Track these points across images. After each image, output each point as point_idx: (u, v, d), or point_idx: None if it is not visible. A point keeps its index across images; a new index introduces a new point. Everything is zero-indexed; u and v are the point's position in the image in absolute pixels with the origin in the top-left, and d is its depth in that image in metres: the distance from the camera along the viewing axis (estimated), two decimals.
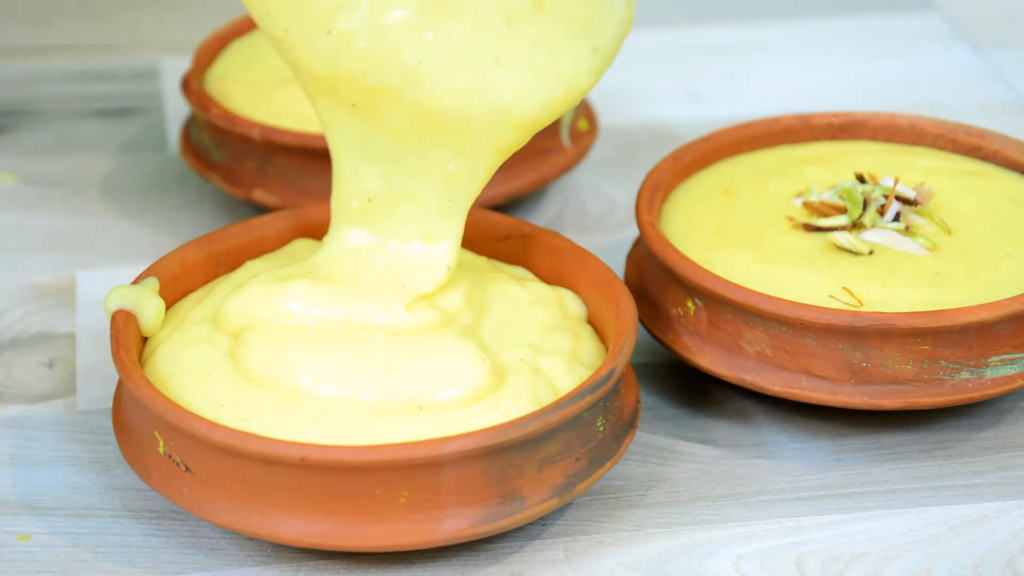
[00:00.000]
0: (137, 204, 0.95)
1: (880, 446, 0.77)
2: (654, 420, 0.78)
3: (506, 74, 0.70)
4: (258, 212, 0.93)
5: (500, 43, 0.70)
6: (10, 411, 0.79)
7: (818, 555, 0.71)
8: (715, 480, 0.75)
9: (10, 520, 0.72)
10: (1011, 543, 0.71)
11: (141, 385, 0.69)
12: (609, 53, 0.70)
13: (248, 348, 0.71)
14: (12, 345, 0.83)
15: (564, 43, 0.70)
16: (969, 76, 1.09)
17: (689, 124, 1.03)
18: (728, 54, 1.12)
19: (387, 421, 0.68)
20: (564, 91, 0.70)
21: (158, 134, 1.02)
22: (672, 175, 0.82)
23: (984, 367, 0.74)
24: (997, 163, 0.84)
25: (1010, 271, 0.76)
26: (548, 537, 0.72)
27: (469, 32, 0.70)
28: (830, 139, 0.86)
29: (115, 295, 0.74)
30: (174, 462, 0.69)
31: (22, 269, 0.89)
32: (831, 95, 1.07)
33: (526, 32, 0.69)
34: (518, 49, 0.70)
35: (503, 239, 0.79)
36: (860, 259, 0.76)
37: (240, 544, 0.71)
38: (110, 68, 1.10)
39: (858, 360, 0.73)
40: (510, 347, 0.72)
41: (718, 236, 0.79)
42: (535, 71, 0.70)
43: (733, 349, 0.75)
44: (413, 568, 0.70)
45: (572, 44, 0.70)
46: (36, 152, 1.00)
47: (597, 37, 0.70)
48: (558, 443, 0.69)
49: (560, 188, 0.96)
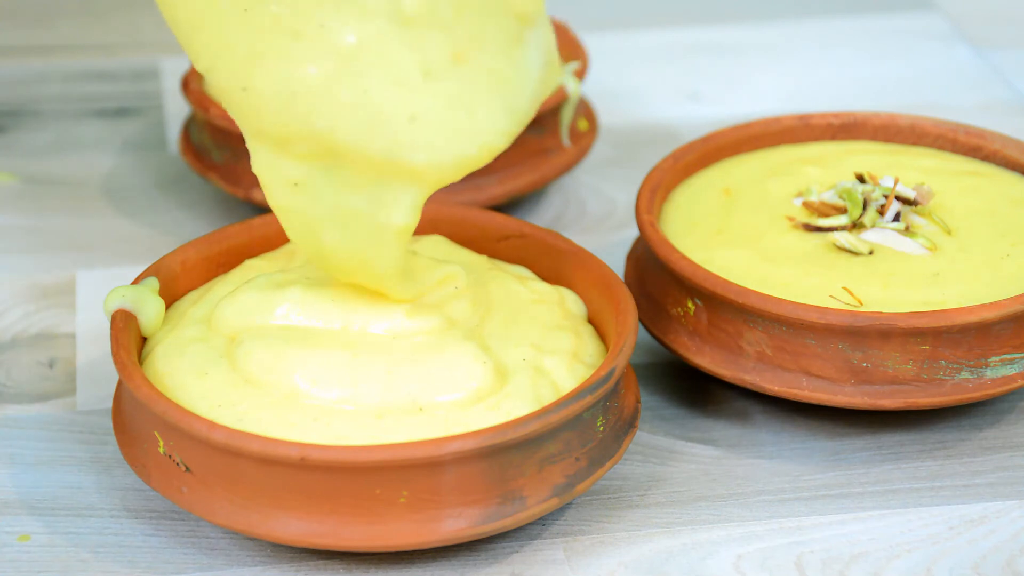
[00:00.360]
0: (137, 204, 0.95)
1: (880, 446, 0.77)
2: (654, 420, 0.78)
3: (421, 133, 0.68)
4: (258, 212, 0.93)
5: (416, 99, 0.67)
6: (10, 411, 0.79)
7: (818, 555, 0.71)
8: (715, 480, 0.75)
9: (10, 520, 0.72)
10: (1011, 543, 0.71)
11: (141, 385, 0.69)
12: (525, 113, 0.68)
13: (246, 350, 0.71)
14: (12, 345, 0.83)
15: (481, 100, 0.68)
16: (969, 76, 1.09)
17: (689, 124, 1.03)
18: (728, 54, 1.12)
19: (387, 421, 0.68)
20: (477, 151, 0.68)
21: (158, 134, 1.02)
22: (672, 175, 0.82)
23: (984, 367, 0.74)
24: (997, 163, 0.84)
25: (1010, 271, 0.76)
26: (548, 537, 0.72)
27: (385, 87, 0.67)
28: (830, 139, 0.86)
29: (115, 295, 0.74)
30: (174, 462, 0.69)
31: (22, 269, 0.89)
32: (831, 95, 1.07)
33: (444, 87, 0.67)
34: (435, 105, 0.67)
35: (503, 239, 0.79)
36: (860, 259, 0.76)
37: (240, 544, 0.71)
38: (110, 68, 1.10)
39: (858, 360, 0.73)
40: (513, 346, 0.72)
41: (718, 236, 0.79)
42: (451, 130, 0.68)
43: (733, 349, 0.75)
44: (413, 568, 0.70)
45: (488, 102, 0.68)
46: (36, 152, 1.00)
47: (512, 96, 0.68)
48: (558, 443, 0.69)
49: (560, 188, 0.96)
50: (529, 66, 0.68)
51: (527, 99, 0.68)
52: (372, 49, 0.67)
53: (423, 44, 0.67)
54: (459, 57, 0.67)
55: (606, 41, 1.12)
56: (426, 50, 0.67)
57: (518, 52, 0.68)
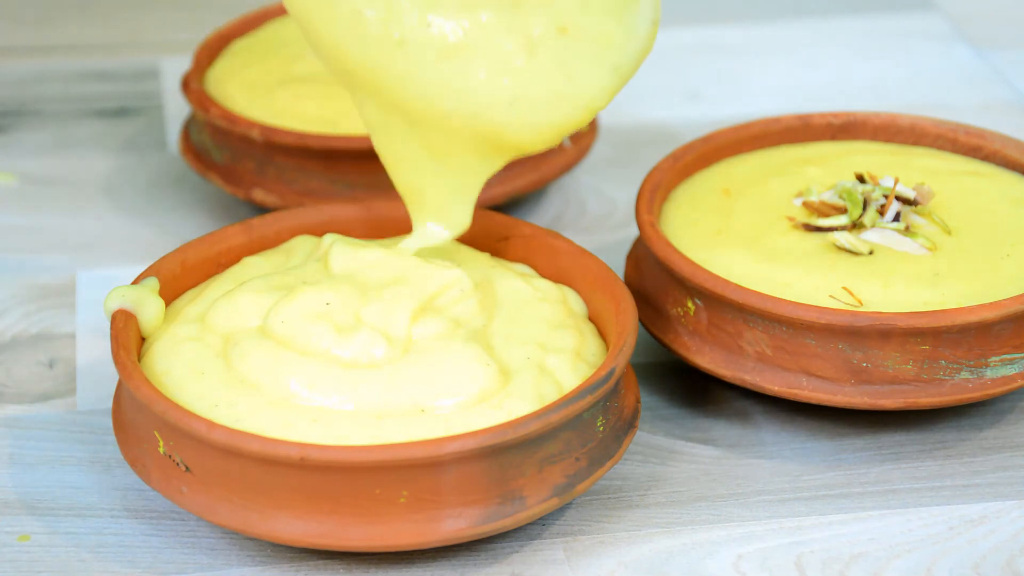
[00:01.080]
0: (137, 204, 0.95)
1: (880, 446, 0.77)
2: (654, 420, 0.78)
3: (522, 114, 0.70)
4: (258, 212, 0.93)
5: (517, 80, 0.69)
6: (10, 411, 0.79)
7: (818, 555, 0.71)
8: (715, 480, 0.75)
9: (10, 520, 0.72)
10: (1011, 543, 0.71)
11: (141, 385, 0.69)
12: (629, 70, 0.70)
13: (243, 351, 0.70)
14: (12, 345, 0.83)
15: (583, 64, 0.70)
16: (969, 76, 1.09)
17: (689, 124, 1.03)
18: (728, 54, 1.12)
19: (387, 421, 0.68)
20: (580, 113, 0.70)
21: (158, 134, 1.02)
22: (672, 175, 0.82)
23: (984, 367, 0.74)
24: (997, 163, 0.84)
25: (1010, 271, 0.76)
26: (548, 537, 0.72)
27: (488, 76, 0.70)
28: (830, 139, 0.86)
29: (115, 295, 0.74)
30: (174, 462, 0.69)
31: (22, 269, 0.89)
32: (831, 95, 1.07)
33: (545, 58, 0.69)
34: (535, 79, 0.69)
35: (503, 239, 0.79)
36: (860, 259, 0.76)
37: (240, 544, 0.71)
38: (110, 68, 1.10)
39: (858, 360, 0.73)
40: (517, 345, 0.72)
41: (718, 236, 0.79)
42: (552, 99, 0.70)
43: (733, 349, 0.75)
44: (413, 568, 0.70)
45: (592, 63, 0.70)
46: (36, 152, 1.00)
47: (617, 55, 0.70)
48: (558, 443, 0.69)
49: (560, 188, 0.96)
50: (638, 25, 0.69)
51: (632, 56, 0.70)
52: (476, 41, 0.69)
53: (527, 23, 0.69)
54: (563, 29, 0.69)
55: None
56: (530, 28, 0.69)
57: (628, 13, 0.69)
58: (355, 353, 0.70)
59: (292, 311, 0.71)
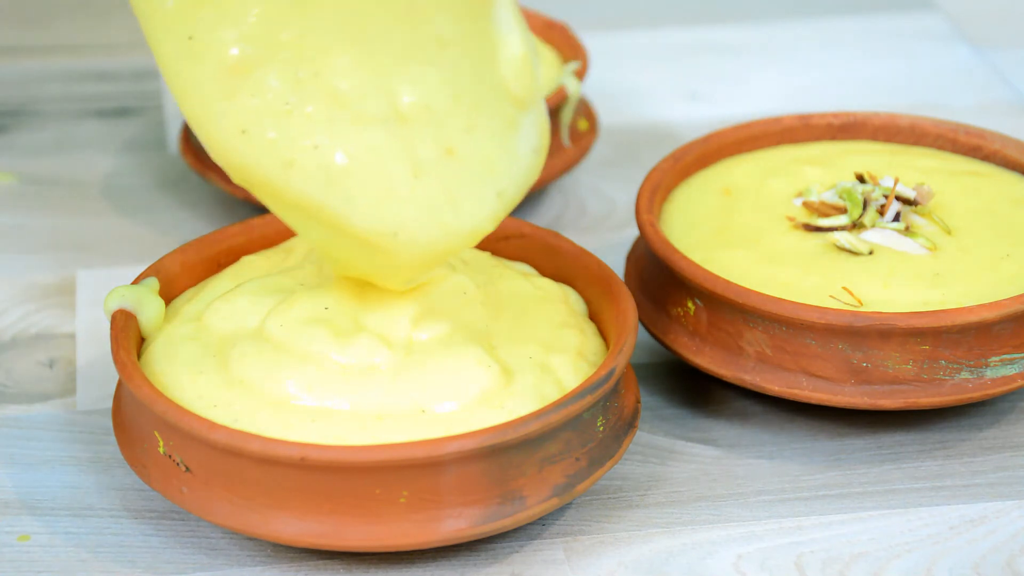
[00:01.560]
0: (137, 204, 0.95)
1: (880, 446, 0.77)
2: (654, 420, 0.78)
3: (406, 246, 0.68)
4: (258, 212, 0.93)
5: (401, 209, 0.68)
6: (10, 411, 0.79)
7: (818, 555, 0.71)
8: (715, 480, 0.75)
9: (10, 520, 0.72)
10: (1011, 543, 0.71)
11: (141, 385, 0.69)
12: (513, 197, 0.69)
13: (241, 352, 0.70)
14: (12, 345, 0.83)
15: (468, 190, 0.68)
16: (969, 76, 1.09)
17: (689, 124, 1.03)
18: (728, 54, 1.12)
19: (387, 422, 0.68)
20: (463, 240, 0.69)
21: (158, 134, 1.02)
22: (672, 175, 0.82)
23: (984, 367, 0.74)
24: (997, 163, 0.84)
25: (1010, 271, 0.76)
26: (548, 537, 0.72)
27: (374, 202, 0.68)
28: (830, 139, 0.86)
29: (115, 295, 0.73)
30: (174, 462, 0.69)
31: (22, 269, 0.89)
32: (831, 95, 1.07)
33: (431, 184, 0.68)
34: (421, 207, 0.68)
35: (503, 239, 0.79)
36: (860, 259, 0.76)
37: (240, 544, 0.71)
38: (110, 68, 1.10)
39: (858, 360, 0.73)
40: (520, 345, 0.72)
41: (718, 236, 0.79)
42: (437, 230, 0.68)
43: (733, 349, 0.75)
44: (413, 568, 0.70)
45: (477, 189, 0.68)
46: (36, 152, 1.00)
47: (501, 180, 0.69)
48: (558, 443, 0.69)
49: (560, 188, 0.96)
50: (520, 150, 0.68)
51: (516, 182, 0.69)
52: (363, 164, 0.67)
53: (414, 142, 0.68)
54: (450, 151, 0.68)
55: (606, 41, 1.12)
56: (416, 148, 0.68)
57: (511, 137, 0.68)
58: (355, 359, 0.70)
59: (290, 316, 0.71)
